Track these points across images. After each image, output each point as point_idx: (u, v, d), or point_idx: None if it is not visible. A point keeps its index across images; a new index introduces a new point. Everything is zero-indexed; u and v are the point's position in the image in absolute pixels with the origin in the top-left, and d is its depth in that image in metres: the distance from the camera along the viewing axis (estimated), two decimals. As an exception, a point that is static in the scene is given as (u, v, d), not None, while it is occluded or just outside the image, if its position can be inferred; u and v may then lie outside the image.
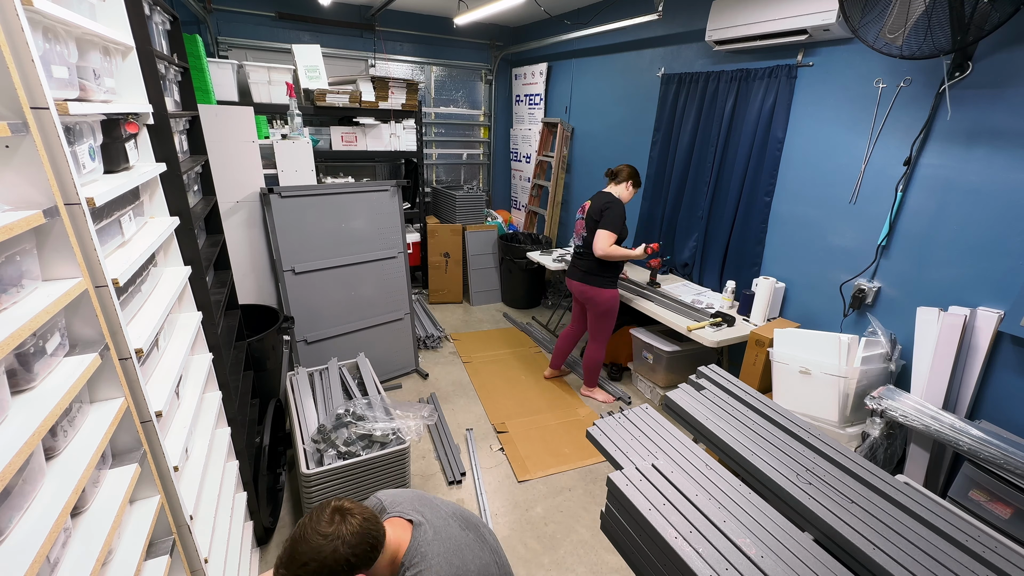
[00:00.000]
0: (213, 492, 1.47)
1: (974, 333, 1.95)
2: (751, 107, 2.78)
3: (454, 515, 1.15)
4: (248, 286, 2.89)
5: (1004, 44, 1.82)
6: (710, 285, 3.23)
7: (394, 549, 1.04)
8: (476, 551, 1.08)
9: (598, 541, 2.11)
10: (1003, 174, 1.88)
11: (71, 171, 0.89)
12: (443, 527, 1.09)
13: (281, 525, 2.15)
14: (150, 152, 1.43)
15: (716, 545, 1.07)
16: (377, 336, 3.19)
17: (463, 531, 1.11)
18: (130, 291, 1.20)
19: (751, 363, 2.49)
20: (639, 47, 3.64)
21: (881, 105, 2.22)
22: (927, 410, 1.89)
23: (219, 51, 3.87)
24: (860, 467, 1.27)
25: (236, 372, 1.97)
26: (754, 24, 2.53)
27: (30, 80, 0.81)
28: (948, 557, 1.02)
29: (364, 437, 1.99)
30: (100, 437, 0.92)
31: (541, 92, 4.81)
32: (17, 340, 0.73)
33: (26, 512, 0.77)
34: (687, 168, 3.28)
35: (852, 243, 2.41)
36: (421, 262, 4.66)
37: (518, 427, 2.84)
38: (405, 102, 4.07)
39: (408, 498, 1.17)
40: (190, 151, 2.03)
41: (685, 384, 1.68)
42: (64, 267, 0.90)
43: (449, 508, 1.16)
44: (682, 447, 1.38)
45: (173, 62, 1.85)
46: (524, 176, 5.21)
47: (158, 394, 1.19)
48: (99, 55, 1.17)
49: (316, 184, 3.17)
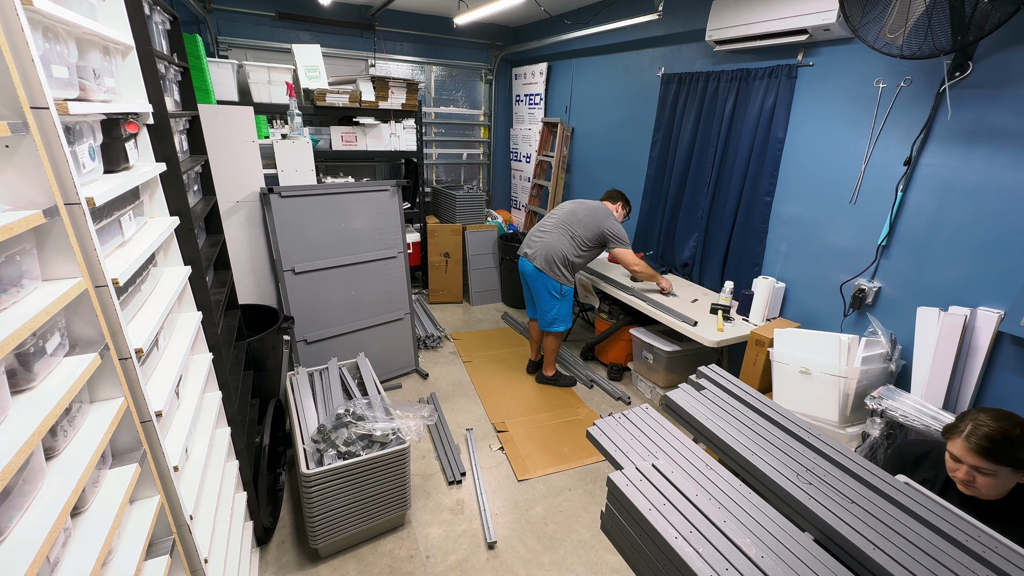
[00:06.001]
0: (213, 492, 1.47)
1: (974, 333, 1.94)
2: (751, 107, 2.78)
3: None
4: (248, 286, 2.89)
5: (1004, 44, 1.82)
6: (710, 285, 3.22)
7: None
8: None
9: (598, 541, 2.11)
10: (1003, 174, 1.87)
11: (71, 171, 0.89)
12: None
13: (281, 525, 2.15)
14: (150, 152, 1.43)
15: (716, 545, 1.07)
16: (377, 336, 3.19)
17: None
18: (130, 291, 1.20)
19: (751, 363, 2.49)
20: (639, 47, 3.64)
21: (881, 105, 2.22)
22: (927, 410, 1.89)
23: (219, 51, 3.87)
24: (860, 467, 1.27)
25: (236, 372, 1.97)
26: (754, 24, 2.53)
27: (30, 80, 0.81)
28: (948, 557, 1.02)
29: (364, 437, 1.99)
30: (100, 437, 0.92)
31: (541, 92, 4.81)
32: (17, 340, 0.73)
33: (26, 512, 0.77)
34: (687, 168, 3.28)
35: (852, 243, 2.41)
36: (421, 262, 4.66)
37: (518, 427, 2.84)
38: (405, 102, 4.07)
39: None
40: (190, 151, 2.03)
41: (685, 384, 1.68)
42: (64, 267, 0.90)
43: None
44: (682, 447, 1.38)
45: (173, 62, 1.84)
46: (524, 176, 5.21)
47: (158, 394, 1.19)
48: (99, 55, 1.17)
49: (316, 184, 3.17)
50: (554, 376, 3.29)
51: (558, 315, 3.04)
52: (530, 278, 3.05)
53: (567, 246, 2.93)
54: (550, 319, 3.05)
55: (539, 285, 3.00)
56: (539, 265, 2.95)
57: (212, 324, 1.65)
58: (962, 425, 1.31)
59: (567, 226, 2.96)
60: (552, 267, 2.93)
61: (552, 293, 2.98)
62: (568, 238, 2.94)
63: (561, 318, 3.05)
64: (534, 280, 3.02)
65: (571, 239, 2.94)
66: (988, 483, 1.29)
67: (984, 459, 1.26)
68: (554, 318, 3.04)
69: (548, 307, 3.02)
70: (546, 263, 2.93)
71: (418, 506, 2.26)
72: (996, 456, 1.25)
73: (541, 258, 2.94)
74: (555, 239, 2.94)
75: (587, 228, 2.94)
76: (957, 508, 1.17)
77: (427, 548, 2.06)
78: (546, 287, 2.98)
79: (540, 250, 2.95)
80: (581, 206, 3.03)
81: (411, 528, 2.15)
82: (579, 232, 2.94)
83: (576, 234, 2.94)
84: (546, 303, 3.02)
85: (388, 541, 2.09)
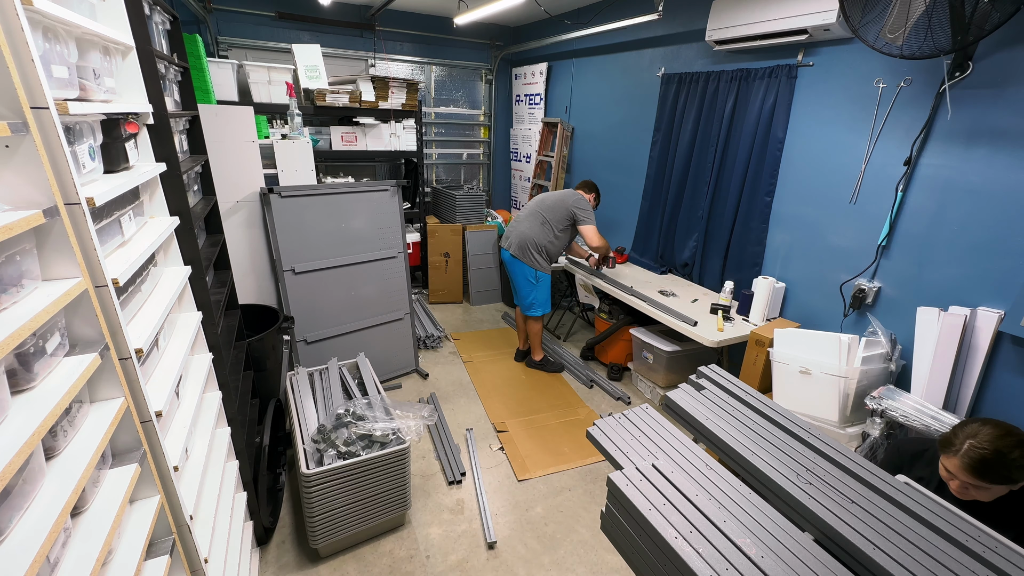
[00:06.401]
0: (213, 492, 1.47)
1: (974, 333, 1.94)
2: (751, 107, 2.78)
3: None
4: (248, 286, 2.89)
5: (1004, 44, 1.82)
6: (710, 285, 3.22)
7: None
8: None
9: (598, 541, 2.11)
10: (1003, 174, 1.87)
11: (71, 171, 0.89)
12: None
13: (281, 525, 2.15)
14: (150, 152, 1.43)
15: (716, 545, 1.07)
16: (377, 336, 3.19)
17: None
18: (130, 291, 1.20)
19: (751, 363, 2.49)
20: (639, 47, 3.64)
21: (881, 105, 2.22)
22: (927, 410, 1.89)
23: (219, 51, 3.87)
24: (860, 467, 1.27)
25: (236, 372, 1.97)
26: (754, 24, 2.53)
27: (30, 80, 0.81)
28: (948, 557, 1.02)
29: (364, 437, 1.99)
30: (100, 437, 0.92)
31: (541, 92, 4.80)
32: (17, 340, 0.73)
33: (26, 512, 0.77)
34: (687, 168, 3.28)
35: (852, 243, 2.41)
36: (421, 262, 4.66)
37: (518, 427, 2.84)
38: (405, 102, 4.07)
39: None
40: (190, 151, 2.03)
41: (685, 384, 1.68)
42: (64, 267, 0.90)
43: None
44: (682, 447, 1.38)
45: (173, 62, 1.84)
46: (524, 176, 5.21)
47: (158, 394, 1.19)
48: (99, 55, 1.17)
49: (316, 184, 3.17)
50: (541, 361, 3.43)
51: (535, 300, 3.22)
52: (507, 264, 3.26)
53: (538, 232, 3.12)
54: (528, 303, 3.24)
55: (515, 271, 3.21)
56: (514, 252, 3.16)
57: (212, 324, 1.65)
58: (957, 443, 1.29)
59: (538, 213, 3.15)
60: (525, 253, 3.13)
61: (528, 279, 3.17)
62: (539, 224, 3.13)
63: (539, 303, 3.23)
64: (510, 266, 3.23)
65: (542, 224, 3.13)
66: (982, 494, 1.28)
67: (977, 479, 1.25)
68: (532, 302, 3.22)
69: (525, 292, 3.23)
70: (520, 250, 3.14)
71: (418, 506, 2.26)
72: (990, 477, 1.24)
73: (516, 246, 3.15)
74: (527, 227, 3.14)
75: (556, 211, 3.12)
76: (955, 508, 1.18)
77: (427, 548, 2.06)
78: (523, 273, 3.18)
79: (515, 238, 3.16)
80: (551, 195, 3.24)
81: (411, 528, 2.15)
82: (549, 217, 3.12)
83: (547, 219, 3.12)
84: (523, 288, 3.22)
85: (388, 541, 2.09)
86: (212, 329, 1.65)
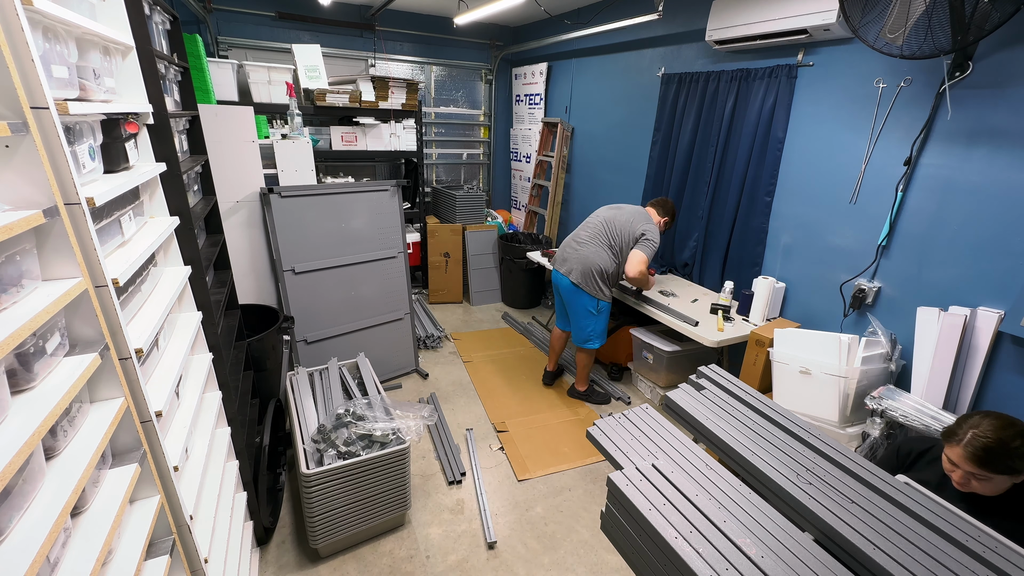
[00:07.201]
0: (213, 492, 1.47)
1: (974, 333, 1.94)
2: (751, 107, 2.78)
3: None
4: (248, 286, 2.89)
5: (1004, 44, 1.82)
6: (710, 285, 3.22)
7: None
8: None
9: (598, 541, 2.11)
10: (1003, 174, 1.87)
11: (71, 171, 0.89)
12: None
13: (281, 525, 2.15)
14: (150, 152, 1.43)
15: (716, 545, 1.07)
16: (377, 336, 3.18)
17: None
18: (130, 291, 1.20)
19: (751, 363, 2.49)
20: (639, 47, 3.64)
21: (881, 105, 2.22)
22: (927, 410, 1.89)
23: (219, 51, 3.87)
24: (860, 467, 1.27)
25: (236, 372, 1.97)
26: (754, 24, 2.53)
27: (30, 80, 0.81)
28: (948, 557, 1.02)
29: (364, 437, 1.99)
30: (100, 437, 0.92)
31: (541, 92, 4.80)
32: (17, 340, 0.73)
33: (26, 512, 0.77)
34: (687, 168, 3.28)
35: (852, 243, 2.41)
36: (421, 262, 4.66)
37: (518, 427, 2.84)
38: (405, 102, 4.07)
39: None
40: (190, 151, 2.03)
41: (685, 384, 1.68)
42: (64, 267, 0.90)
43: None
44: (682, 447, 1.38)
45: (173, 62, 1.84)
46: (524, 176, 5.21)
47: (158, 394, 1.19)
48: (99, 55, 1.17)
49: (316, 184, 3.17)
50: (587, 392, 3.11)
51: (594, 332, 2.86)
52: (565, 293, 2.85)
53: (605, 259, 2.73)
54: (586, 335, 2.87)
55: (576, 301, 2.81)
56: (576, 280, 2.75)
57: (212, 324, 1.65)
58: (961, 432, 1.31)
59: (604, 235, 2.76)
60: (589, 281, 2.74)
61: (589, 309, 2.80)
62: (606, 248, 2.75)
63: (597, 335, 2.87)
64: (570, 295, 2.83)
65: (609, 248, 2.75)
66: (984, 486, 1.29)
67: (980, 468, 1.26)
68: (590, 335, 2.86)
69: (584, 323, 2.85)
70: (583, 278, 2.74)
71: (418, 506, 2.26)
72: (993, 466, 1.25)
73: (578, 273, 2.74)
74: (592, 251, 2.74)
75: (624, 236, 2.73)
76: (955, 505, 1.18)
77: (427, 548, 2.06)
78: (583, 304, 2.80)
79: (576, 264, 2.76)
80: (619, 212, 2.82)
81: (411, 528, 2.15)
82: (616, 241, 2.74)
83: (614, 244, 2.74)
84: (583, 319, 2.84)
85: (388, 541, 2.09)
86: (212, 329, 1.65)
